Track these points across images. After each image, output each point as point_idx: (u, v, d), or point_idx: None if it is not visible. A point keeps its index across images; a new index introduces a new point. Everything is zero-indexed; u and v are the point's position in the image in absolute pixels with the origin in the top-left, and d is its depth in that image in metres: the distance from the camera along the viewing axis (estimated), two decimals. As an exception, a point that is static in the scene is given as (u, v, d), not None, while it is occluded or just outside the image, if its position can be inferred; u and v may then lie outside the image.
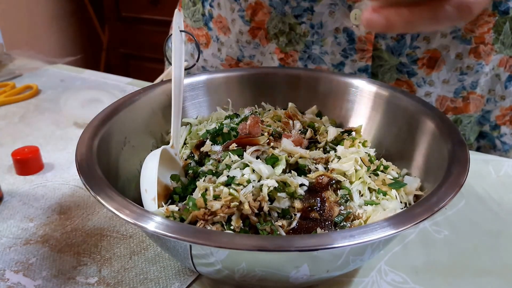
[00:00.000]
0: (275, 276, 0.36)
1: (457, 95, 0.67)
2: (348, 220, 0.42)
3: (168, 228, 0.32)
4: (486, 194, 0.56)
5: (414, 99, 0.51)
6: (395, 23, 0.34)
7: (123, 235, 0.50)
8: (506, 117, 0.69)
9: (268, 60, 0.73)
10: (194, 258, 0.36)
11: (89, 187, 0.37)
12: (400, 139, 0.51)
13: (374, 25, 0.35)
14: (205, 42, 0.78)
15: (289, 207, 0.42)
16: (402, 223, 0.33)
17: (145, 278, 0.44)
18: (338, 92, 0.57)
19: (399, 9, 0.34)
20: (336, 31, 0.65)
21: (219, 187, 0.42)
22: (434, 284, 0.43)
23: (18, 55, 1.10)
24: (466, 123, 0.70)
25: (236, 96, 0.60)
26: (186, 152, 0.52)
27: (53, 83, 0.95)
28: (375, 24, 0.35)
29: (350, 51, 0.66)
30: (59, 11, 2.31)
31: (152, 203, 0.42)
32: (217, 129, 0.52)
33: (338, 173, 0.46)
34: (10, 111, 0.82)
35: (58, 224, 0.52)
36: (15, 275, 0.45)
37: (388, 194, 0.45)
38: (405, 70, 0.66)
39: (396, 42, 0.63)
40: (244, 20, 0.70)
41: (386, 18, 0.34)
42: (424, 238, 0.49)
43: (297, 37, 0.68)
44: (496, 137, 0.71)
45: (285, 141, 0.48)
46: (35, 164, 0.62)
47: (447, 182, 0.37)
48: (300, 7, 0.65)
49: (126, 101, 0.52)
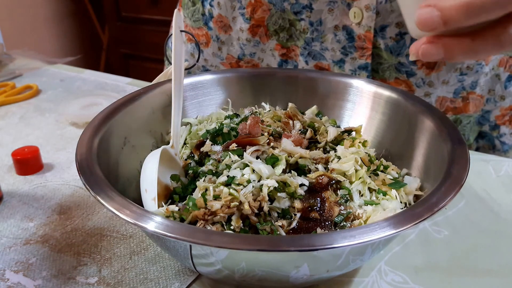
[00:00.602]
0: (275, 276, 0.36)
1: (456, 95, 0.67)
2: (348, 220, 0.42)
3: (168, 228, 0.32)
4: (486, 194, 0.56)
5: (414, 99, 0.51)
6: (456, 53, 0.34)
7: (123, 235, 0.50)
8: (505, 117, 0.69)
9: (268, 57, 0.73)
10: (194, 258, 0.36)
11: (89, 187, 0.37)
12: (400, 139, 0.51)
13: (431, 57, 0.34)
14: (205, 41, 0.78)
15: (289, 207, 0.42)
16: (402, 223, 0.33)
17: (145, 278, 0.44)
18: (338, 92, 0.57)
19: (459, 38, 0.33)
20: (336, 28, 0.65)
21: (219, 187, 0.42)
22: (434, 284, 0.43)
23: (18, 55, 1.10)
24: (466, 123, 0.70)
25: (236, 96, 0.60)
26: (186, 152, 0.52)
27: (53, 83, 0.95)
28: (433, 56, 0.34)
29: (350, 49, 0.66)
30: (59, 11, 2.31)
31: (152, 203, 0.42)
32: (217, 129, 0.52)
33: (338, 173, 0.46)
34: (10, 111, 0.82)
35: (58, 224, 0.52)
36: (15, 275, 0.45)
37: (388, 194, 0.45)
38: (404, 70, 0.66)
39: (395, 42, 0.63)
40: (244, 18, 0.71)
41: (445, 48, 0.33)
42: (424, 238, 0.49)
43: (297, 33, 0.68)
44: (496, 137, 0.71)
45: (285, 141, 0.48)
46: (35, 164, 0.62)
47: (447, 182, 0.37)
48: (299, 4, 0.65)
49: (126, 101, 0.52)
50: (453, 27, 0.33)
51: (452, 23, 0.32)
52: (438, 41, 0.34)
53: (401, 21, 0.61)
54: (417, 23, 0.33)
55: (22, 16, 2.10)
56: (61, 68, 1.04)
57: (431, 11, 0.32)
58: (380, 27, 0.63)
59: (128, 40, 2.41)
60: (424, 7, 0.33)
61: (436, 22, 0.32)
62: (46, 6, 2.23)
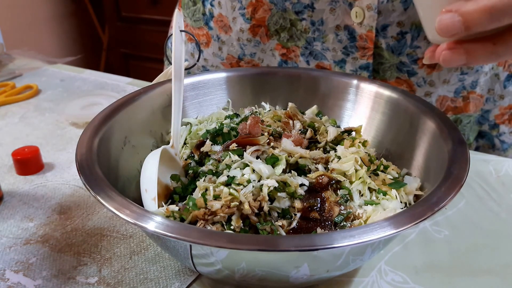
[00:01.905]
0: (275, 276, 0.36)
1: (457, 94, 0.67)
2: (348, 220, 0.42)
3: (168, 228, 0.32)
4: (486, 194, 0.56)
5: (414, 98, 0.51)
6: (478, 57, 0.33)
7: (123, 235, 0.50)
8: (505, 116, 0.70)
9: (269, 58, 0.73)
10: (194, 258, 0.36)
11: (89, 187, 0.37)
12: (400, 139, 0.51)
13: (453, 63, 0.34)
14: (205, 41, 0.78)
15: (289, 207, 0.42)
16: (402, 223, 0.33)
17: (145, 278, 0.44)
18: (338, 92, 0.57)
19: (482, 43, 0.33)
20: (337, 28, 0.65)
21: (219, 187, 0.42)
22: (434, 284, 0.43)
23: (18, 55, 1.10)
24: (466, 122, 0.70)
25: (236, 96, 0.60)
26: (186, 152, 0.52)
27: (53, 83, 0.95)
28: (455, 62, 0.34)
29: (351, 49, 0.66)
30: (59, 11, 2.31)
31: (152, 203, 0.42)
32: (217, 129, 0.52)
33: (338, 173, 0.46)
34: (10, 111, 0.82)
35: (58, 224, 0.52)
36: (15, 275, 0.45)
37: (388, 194, 0.45)
38: (405, 69, 0.66)
39: (397, 42, 0.63)
40: (245, 18, 0.71)
41: (467, 53, 0.33)
42: (424, 238, 0.49)
43: (298, 33, 0.68)
44: (495, 136, 0.71)
45: (285, 141, 0.48)
46: (35, 164, 0.62)
47: (447, 182, 0.37)
48: (300, 4, 0.65)
49: (126, 101, 0.52)
50: (475, 32, 0.32)
51: (474, 28, 0.32)
52: (459, 47, 0.33)
53: (402, 20, 0.62)
54: (438, 29, 0.33)
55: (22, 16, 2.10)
56: (61, 68, 1.04)
57: (452, 16, 0.32)
58: (382, 26, 0.63)
59: (128, 40, 2.42)
60: (445, 13, 0.32)
61: (457, 27, 0.32)
62: (46, 6, 2.23)
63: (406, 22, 0.62)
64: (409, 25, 0.62)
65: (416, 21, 0.62)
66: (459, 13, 0.32)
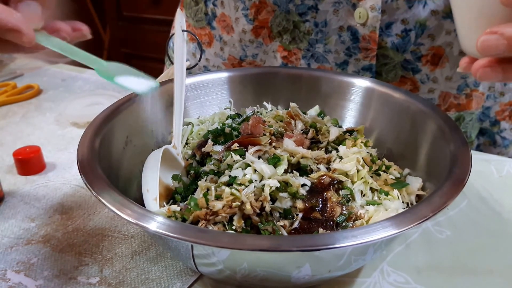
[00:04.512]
0: (277, 276, 0.36)
1: (460, 92, 0.67)
2: (350, 220, 0.42)
3: (170, 228, 0.32)
4: (488, 194, 0.55)
5: (416, 99, 0.51)
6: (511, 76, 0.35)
7: (125, 235, 0.50)
8: (505, 112, 0.70)
9: (270, 59, 0.73)
10: (196, 258, 0.36)
11: (91, 187, 0.37)
12: (402, 139, 0.51)
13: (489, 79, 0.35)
14: (207, 41, 0.78)
15: (291, 207, 0.42)
16: (404, 223, 0.33)
17: (146, 278, 0.44)
18: (340, 92, 0.57)
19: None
20: (340, 29, 0.65)
21: (220, 187, 0.42)
22: (436, 284, 0.43)
23: (19, 55, 1.10)
24: (468, 120, 0.70)
25: (238, 96, 0.60)
26: (188, 152, 0.52)
27: (54, 83, 0.95)
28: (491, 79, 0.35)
29: (354, 50, 0.66)
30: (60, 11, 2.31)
31: (154, 203, 0.42)
32: (219, 129, 0.52)
33: (340, 173, 0.46)
34: (11, 110, 0.82)
35: (60, 224, 0.52)
36: (16, 275, 0.45)
37: (390, 194, 0.45)
38: (410, 67, 0.66)
39: (401, 39, 0.64)
40: (248, 19, 0.70)
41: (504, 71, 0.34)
42: (426, 238, 0.49)
43: (301, 35, 0.68)
44: (496, 132, 0.72)
45: (287, 141, 0.48)
46: (37, 164, 0.62)
47: (449, 182, 0.37)
48: (304, 5, 0.65)
49: (128, 100, 0.51)
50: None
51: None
52: (497, 66, 0.35)
53: (406, 17, 0.62)
54: (480, 48, 0.33)
55: (23, 16, 2.10)
56: (62, 68, 1.04)
57: (497, 39, 0.32)
58: (386, 24, 0.63)
59: (129, 39, 2.42)
60: (490, 34, 0.33)
61: (501, 50, 0.33)
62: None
63: (410, 20, 0.62)
64: (413, 22, 0.62)
65: (420, 19, 0.62)
66: (504, 36, 0.32)
